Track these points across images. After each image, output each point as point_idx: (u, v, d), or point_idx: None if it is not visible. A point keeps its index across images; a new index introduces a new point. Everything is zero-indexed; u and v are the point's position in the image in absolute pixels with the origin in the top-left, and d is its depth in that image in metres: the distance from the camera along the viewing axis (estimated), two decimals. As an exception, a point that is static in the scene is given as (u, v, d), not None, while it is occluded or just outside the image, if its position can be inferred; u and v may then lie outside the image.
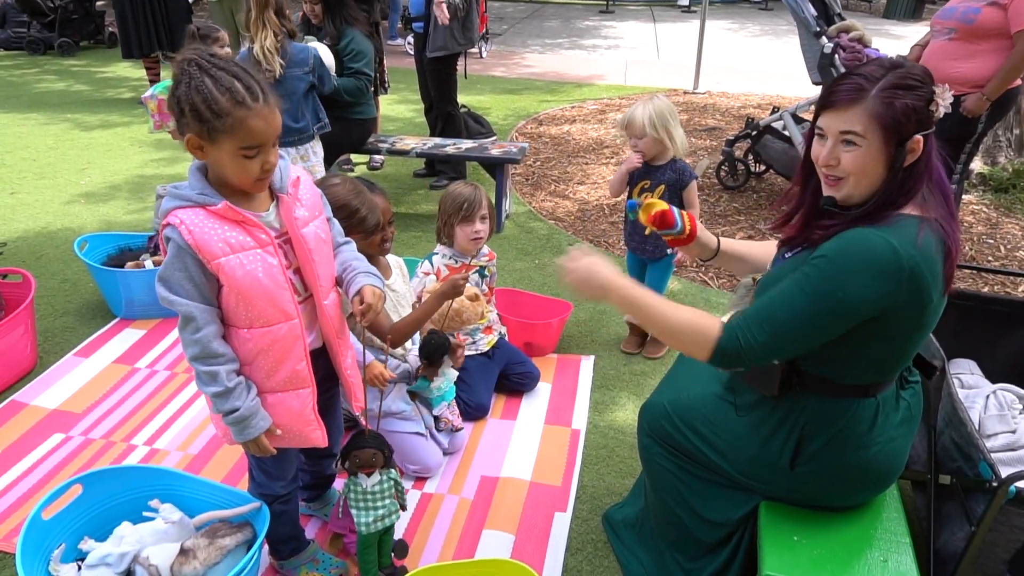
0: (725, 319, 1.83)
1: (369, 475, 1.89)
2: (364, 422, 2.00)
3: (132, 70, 8.19)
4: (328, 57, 3.83)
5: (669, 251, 2.94)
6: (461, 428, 2.56)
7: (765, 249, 1.90)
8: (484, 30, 10.17)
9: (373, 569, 1.97)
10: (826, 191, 1.54)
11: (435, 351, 2.36)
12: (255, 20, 3.45)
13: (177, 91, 1.42)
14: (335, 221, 1.80)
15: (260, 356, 1.59)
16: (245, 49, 3.63)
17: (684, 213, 1.85)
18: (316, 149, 3.86)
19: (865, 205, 1.49)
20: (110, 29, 9.55)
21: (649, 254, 3.00)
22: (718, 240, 1.90)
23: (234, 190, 1.53)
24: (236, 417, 1.57)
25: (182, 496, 2.04)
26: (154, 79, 7.09)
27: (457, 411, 2.57)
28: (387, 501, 1.93)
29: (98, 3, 9.54)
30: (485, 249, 2.82)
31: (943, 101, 1.44)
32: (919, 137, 1.44)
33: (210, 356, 1.53)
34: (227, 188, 1.52)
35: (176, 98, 1.43)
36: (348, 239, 1.83)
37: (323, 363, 1.75)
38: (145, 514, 1.98)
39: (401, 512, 1.98)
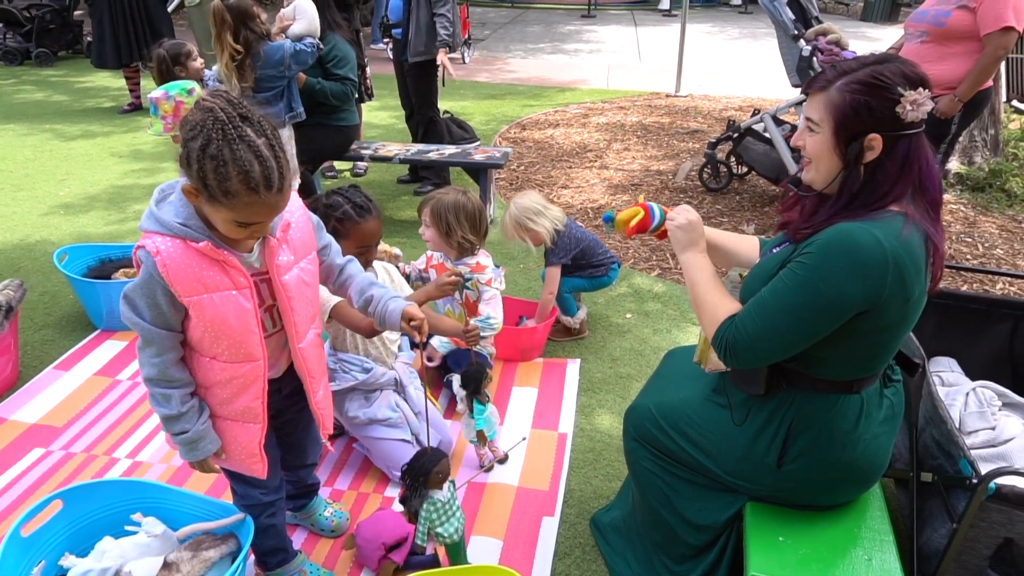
0: None
1: (440, 487, 1.93)
2: (427, 441, 2.01)
3: (111, 80, 8.12)
4: (308, 8, 3.71)
5: (589, 272, 3.22)
6: (506, 458, 2.53)
7: (746, 243, 1.93)
8: (467, 35, 10.18)
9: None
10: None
11: (473, 379, 2.37)
12: (215, 42, 3.49)
13: (190, 142, 1.32)
14: (332, 245, 1.75)
15: (218, 385, 1.57)
16: (214, 71, 3.64)
17: (659, 207, 1.89)
18: (288, 143, 3.80)
19: (833, 197, 1.52)
20: (88, 39, 9.45)
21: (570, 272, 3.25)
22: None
23: None
24: (184, 439, 1.57)
25: (165, 509, 2.02)
26: (134, 89, 7.05)
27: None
28: (458, 504, 2.00)
29: (76, 13, 9.45)
30: (473, 261, 2.79)
31: (911, 106, 1.42)
32: (876, 135, 1.45)
33: (166, 380, 1.52)
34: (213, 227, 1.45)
35: (187, 147, 1.32)
36: (349, 258, 1.81)
37: (290, 381, 1.74)
38: (127, 528, 1.96)
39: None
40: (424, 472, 1.89)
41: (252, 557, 2.00)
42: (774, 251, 1.67)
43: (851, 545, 1.63)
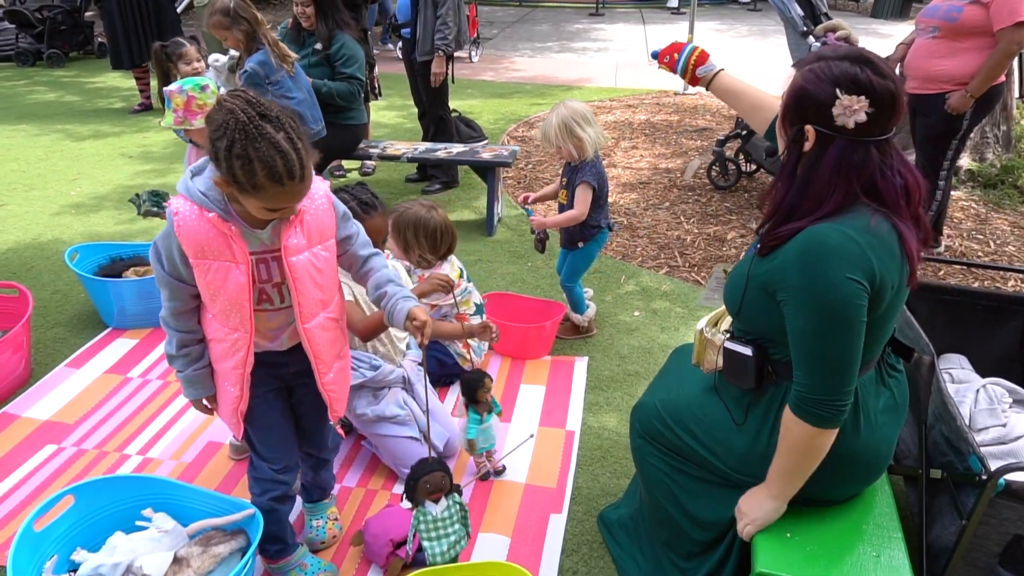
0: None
1: (437, 501, 1.87)
2: (428, 448, 1.99)
3: (122, 80, 8.18)
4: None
5: (579, 244, 3.07)
6: (503, 470, 2.49)
7: (760, 96, 1.92)
8: (475, 35, 10.18)
9: None
10: None
11: (468, 386, 2.36)
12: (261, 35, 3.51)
13: (216, 142, 1.43)
14: (358, 235, 1.80)
15: (214, 342, 1.74)
16: (256, 58, 3.54)
17: (687, 54, 1.99)
18: None
19: (779, 194, 1.54)
20: (99, 39, 9.54)
21: (563, 245, 3.15)
22: (714, 76, 1.98)
23: None
24: (179, 376, 1.79)
25: (175, 505, 2.04)
26: (144, 89, 7.09)
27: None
28: (456, 527, 1.89)
29: (87, 14, 9.52)
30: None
31: (841, 110, 1.40)
32: (811, 128, 1.45)
33: (169, 325, 1.72)
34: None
35: (215, 147, 1.44)
36: (375, 251, 1.85)
37: (299, 358, 1.79)
38: (138, 523, 1.98)
39: (467, 539, 1.95)
40: (413, 479, 1.86)
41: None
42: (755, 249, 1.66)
43: (859, 541, 1.63)
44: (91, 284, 3.29)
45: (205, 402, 1.84)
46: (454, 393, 2.88)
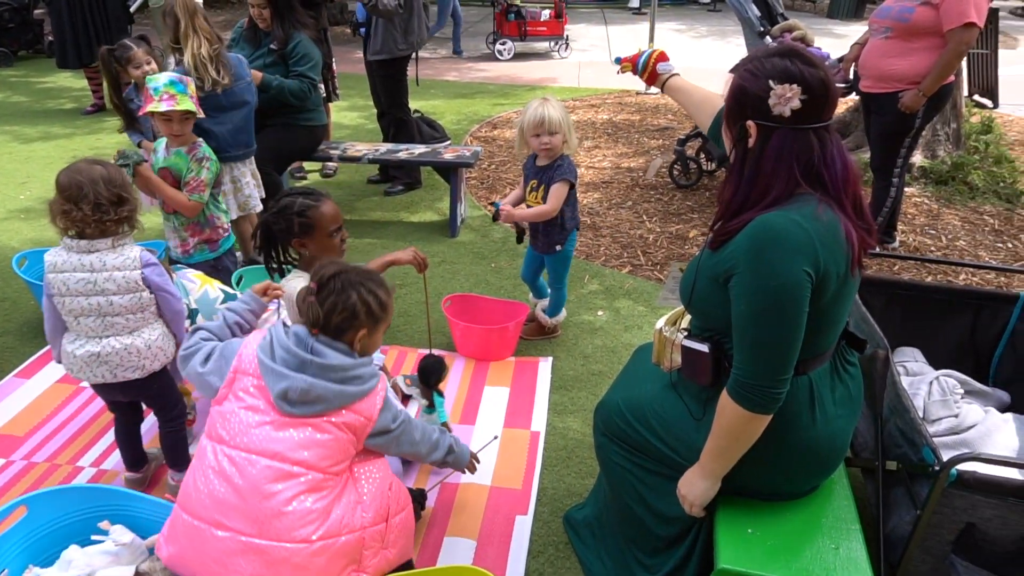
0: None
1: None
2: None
3: (73, 80, 7.95)
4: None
5: (558, 248, 3.06)
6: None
7: (706, 93, 2.12)
8: (562, 32, 10.27)
9: None
10: None
11: (433, 371, 2.40)
12: (184, 30, 3.33)
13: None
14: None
15: None
16: (174, 63, 3.47)
17: (645, 58, 2.20)
18: (248, 175, 3.63)
19: (728, 188, 1.59)
20: (49, 38, 9.24)
21: (538, 249, 3.12)
22: (668, 78, 2.20)
23: None
24: None
25: (132, 516, 1.98)
26: (96, 89, 6.90)
27: None
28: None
29: (36, 12, 9.23)
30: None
31: (777, 100, 1.46)
32: (752, 123, 1.51)
33: None
34: None
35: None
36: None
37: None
38: (94, 537, 1.92)
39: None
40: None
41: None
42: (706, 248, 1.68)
43: (818, 535, 1.65)
44: (41, 291, 3.16)
45: None
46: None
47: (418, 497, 2.20)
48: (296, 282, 2.15)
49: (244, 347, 1.76)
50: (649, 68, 2.18)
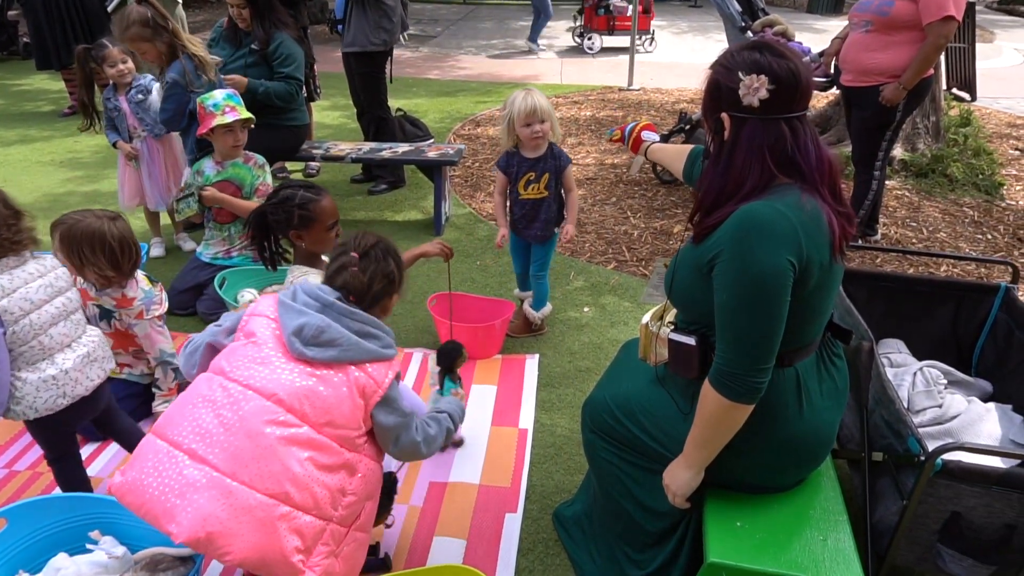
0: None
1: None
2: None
3: (50, 82, 7.84)
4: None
5: (556, 230, 3.11)
6: (461, 442, 2.60)
7: (681, 148, 2.25)
8: (649, 27, 10.34)
9: None
10: None
11: (448, 355, 2.42)
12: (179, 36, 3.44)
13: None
14: None
15: None
16: (176, 68, 3.46)
17: (631, 128, 2.42)
18: None
19: (707, 179, 1.62)
20: (24, 39, 9.11)
21: (533, 239, 3.11)
22: (649, 145, 2.39)
23: None
24: None
25: (119, 524, 1.96)
26: (74, 91, 6.80)
27: None
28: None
29: (10, 13, 9.08)
30: (118, 293, 2.63)
31: (746, 90, 1.49)
32: (725, 115, 1.54)
33: None
34: None
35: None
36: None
37: None
38: (87, 547, 1.90)
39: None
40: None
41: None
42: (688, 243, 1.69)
43: (806, 527, 1.66)
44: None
45: None
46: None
47: (388, 481, 2.01)
48: (309, 278, 2.16)
49: (259, 302, 1.75)
50: (636, 132, 2.41)
